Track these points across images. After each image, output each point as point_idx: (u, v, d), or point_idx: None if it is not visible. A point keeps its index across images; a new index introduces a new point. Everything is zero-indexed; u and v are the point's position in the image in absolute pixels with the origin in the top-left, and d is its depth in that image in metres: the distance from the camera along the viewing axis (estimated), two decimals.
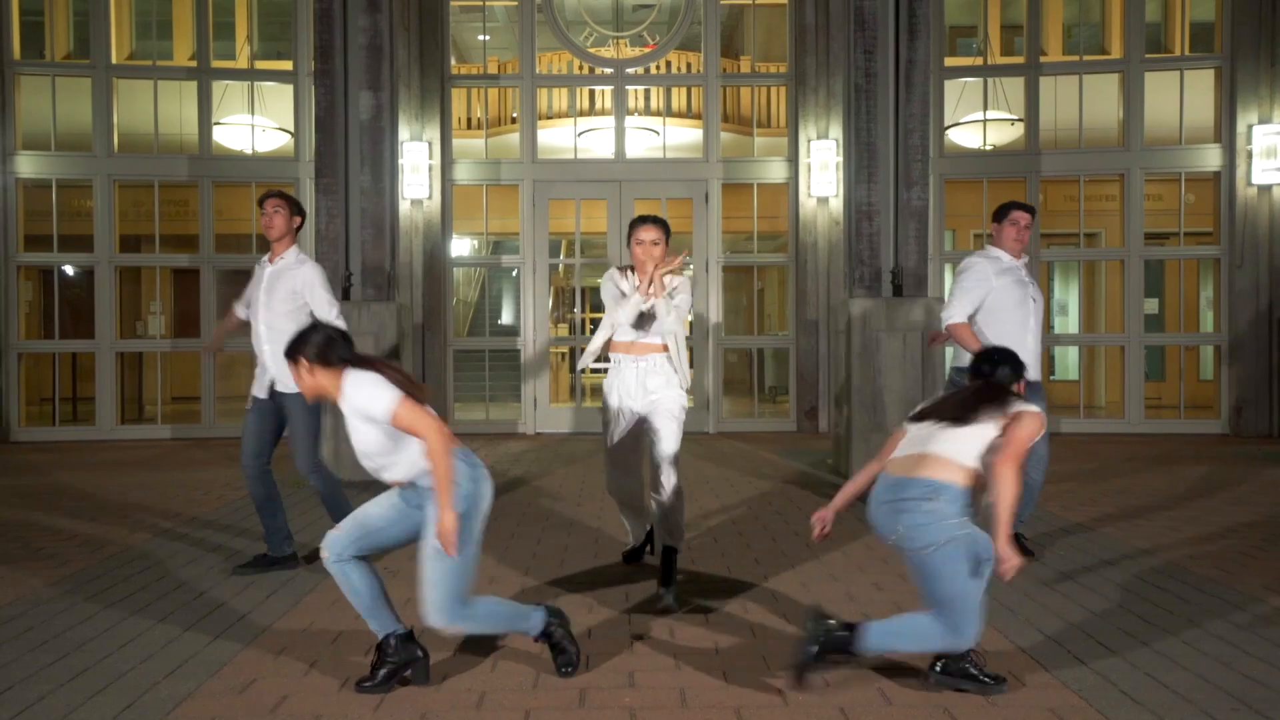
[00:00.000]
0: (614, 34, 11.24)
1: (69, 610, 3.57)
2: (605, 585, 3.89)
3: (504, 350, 11.07)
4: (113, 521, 5.25)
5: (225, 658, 3.05)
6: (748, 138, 10.49)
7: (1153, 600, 3.60)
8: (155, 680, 2.85)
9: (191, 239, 9.63)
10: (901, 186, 6.64)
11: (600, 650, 3.09)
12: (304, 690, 2.78)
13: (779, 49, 10.88)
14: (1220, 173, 9.13)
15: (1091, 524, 5.00)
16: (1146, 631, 3.23)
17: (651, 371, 3.73)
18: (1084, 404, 10.36)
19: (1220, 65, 9.14)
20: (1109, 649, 3.09)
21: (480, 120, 10.83)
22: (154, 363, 10.19)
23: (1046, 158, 9.37)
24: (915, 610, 2.76)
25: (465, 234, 13.13)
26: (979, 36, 10.58)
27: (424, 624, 2.72)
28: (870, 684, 2.79)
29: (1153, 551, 4.39)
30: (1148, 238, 9.84)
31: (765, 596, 3.72)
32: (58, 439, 9.17)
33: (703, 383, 9.60)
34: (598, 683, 2.83)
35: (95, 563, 4.31)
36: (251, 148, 9.91)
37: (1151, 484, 6.29)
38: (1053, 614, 3.44)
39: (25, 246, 9.36)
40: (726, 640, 3.20)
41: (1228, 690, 2.72)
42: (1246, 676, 2.82)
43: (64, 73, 9.37)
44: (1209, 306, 11.14)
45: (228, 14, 10.54)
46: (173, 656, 3.06)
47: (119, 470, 7.23)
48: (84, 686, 2.80)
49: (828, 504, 2.99)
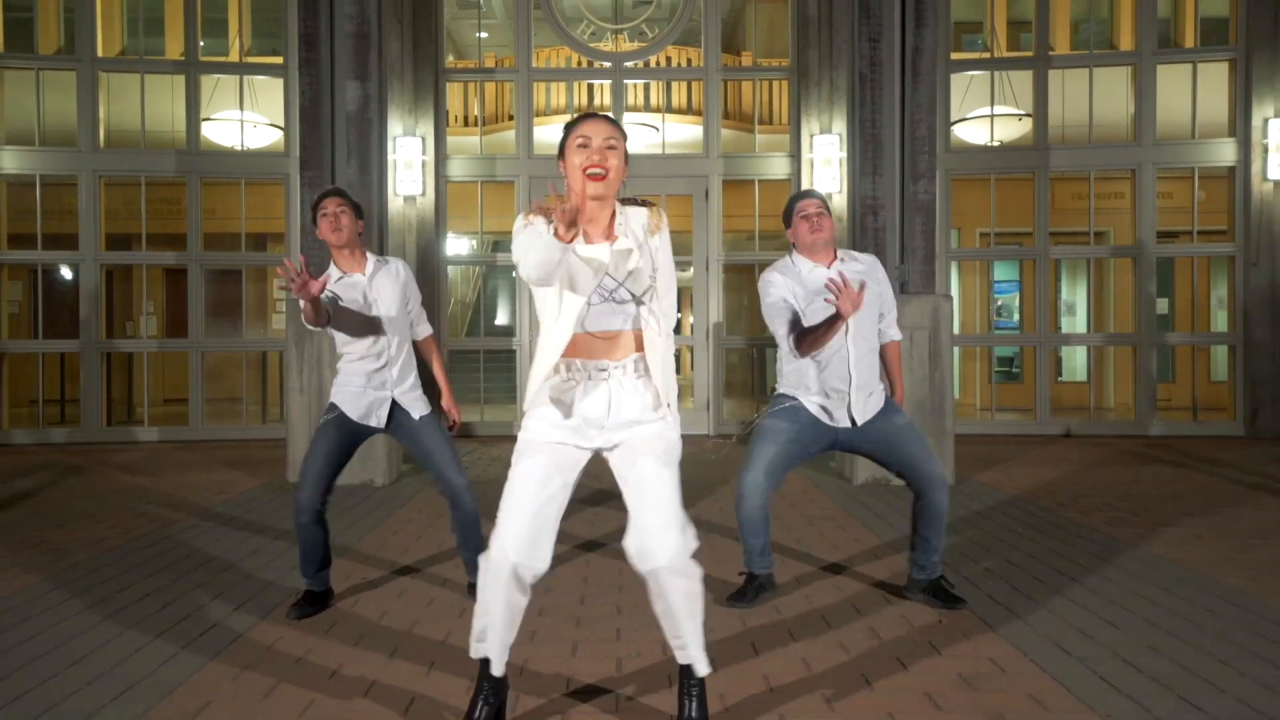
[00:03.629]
0: (612, 28, 11.01)
1: (22, 623, 3.34)
2: (596, 587, 3.66)
3: (499, 351, 10.82)
4: (84, 527, 5.02)
5: (181, 678, 2.81)
6: (749, 134, 10.25)
7: (1180, 613, 3.35)
8: (100, 705, 2.62)
9: (180, 237, 9.41)
10: (908, 179, 6.40)
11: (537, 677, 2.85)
12: (262, 714, 2.54)
13: (781, 44, 10.65)
14: (1235, 168, 8.88)
15: (1108, 529, 4.76)
16: (1176, 648, 2.99)
17: (627, 386, 2.31)
18: (1094, 405, 10.11)
19: (1234, 57, 8.89)
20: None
21: (476, 117, 10.59)
22: (142, 363, 9.97)
23: (1055, 153, 9.13)
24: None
25: (460, 232, 12.90)
26: (985, 31, 10.35)
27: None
28: (880, 709, 2.55)
29: (1175, 559, 4.14)
30: (1160, 236, 9.61)
31: (769, 611, 3.48)
32: (45, 441, 8.94)
33: (703, 383, 9.36)
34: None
35: (58, 571, 4.07)
36: (242, 144, 9.70)
37: (1166, 488, 6.04)
38: (1074, 629, 3.19)
39: (9, 244, 9.14)
40: (722, 631, 2.96)
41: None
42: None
43: (49, 66, 9.15)
44: (1220, 306, 10.88)
45: (220, 9, 10.33)
46: (121, 678, 2.82)
47: (102, 473, 7.00)
48: (20, 713, 2.57)
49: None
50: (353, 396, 3.47)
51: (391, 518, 5.27)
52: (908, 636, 3.15)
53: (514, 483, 2.28)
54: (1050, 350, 9.38)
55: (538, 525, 2.23)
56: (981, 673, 2.80)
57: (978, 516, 5.13)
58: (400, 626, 3.31)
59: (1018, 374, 13.00)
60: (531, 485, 2.25)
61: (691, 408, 9.54)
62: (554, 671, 2.84)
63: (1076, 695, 2.61)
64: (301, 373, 6.35)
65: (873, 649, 3.03)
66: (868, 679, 2.76)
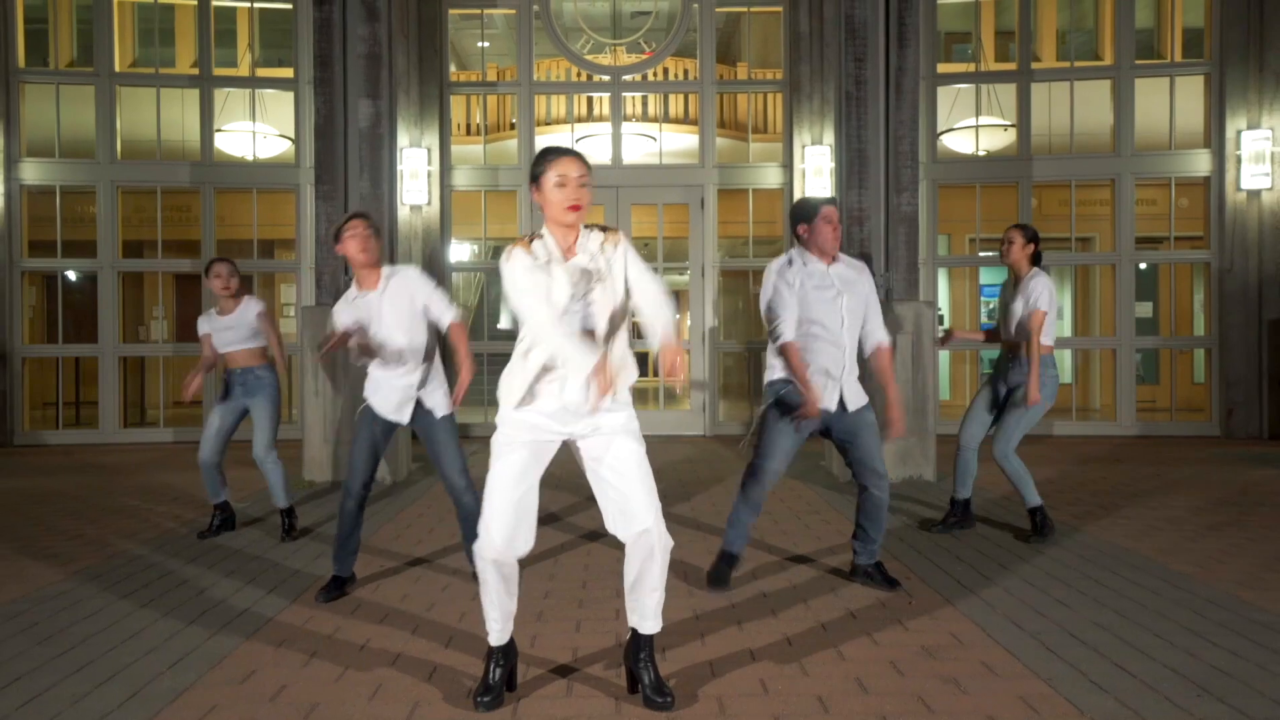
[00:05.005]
0: (611, 41, 11.36)
1: (73, 606, 3.68)
2: (597, 588, 3.99)
3: (502, 354, 11.14)
4: (117, 522, 5.36)
5: (226, 650, 3.15)
6: (743, 143, 10.60)
7: (1128, 595, 3.69)
8: (158, 671, 2.95)
9: (193, 244, 9.74)
10: (892, 192, 6.75)
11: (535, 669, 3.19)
12: (302, 681, 2.88)
13: (775, 55, 10.99)
14: (1210, 178, 9.23)
15: (1073, 521, 5.10)
16: (1118, 624, 3.32)
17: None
18: (1077, 407, 10.44)
19: (1209, 72, 9.24)
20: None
21: (479, 126, 10.93)
22: (155, 367, 10.30)
23: (1038, 163, 9.47)
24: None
25: (464, 239, 13.23)
26: (973, 43, 10.69)
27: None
28: (849, 675, 2.89)
29: (1130, 548, 4.48)
30: (1142, 241, 9.94)
31: (752, 590, 3.82)
32: (62, 442, 9.28)
33: (700, 387, 9.70)
34: (577, 710, 2.93)
35: (99, 560, 4.41)
36: (253, 154, 10.04)
37: (1137, 485, 6.38)
38: (1029, 608, 3.53)
39: (29, 252, 9.48)
40: (712, 629, 3.30)
41: (1192, 679, 2.81)
42: (1212, 667, 2.91)
43: (68, 80, 9.50)
44: (1202, 310, 11.22)
45: (229, 21, 10.67)
46: (174, 649, 3.16)
47: (122, 472, 7.34)
48: (90, 677, 2.90)
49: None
50: (383, 396, 3.83)
51: (403, 513, 5.60)
52: (879, 615, 3.49)
53: (495, 479, 2.61)
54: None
55: (518, 514, 2.59)
56: (941, 644, 3.14)
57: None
58: (418, 609, 3.64)
59: None
60: (510, 480, 2.60)
61: (689, 409, 9.88)
62: (560, 645, 3.17)
63: (1023, 662, 2.95)
64: (317, 376, 6.69)
65: (846, 625, 3.36)
66: (840, 650, 3.10)
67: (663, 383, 10.90)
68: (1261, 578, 3.93)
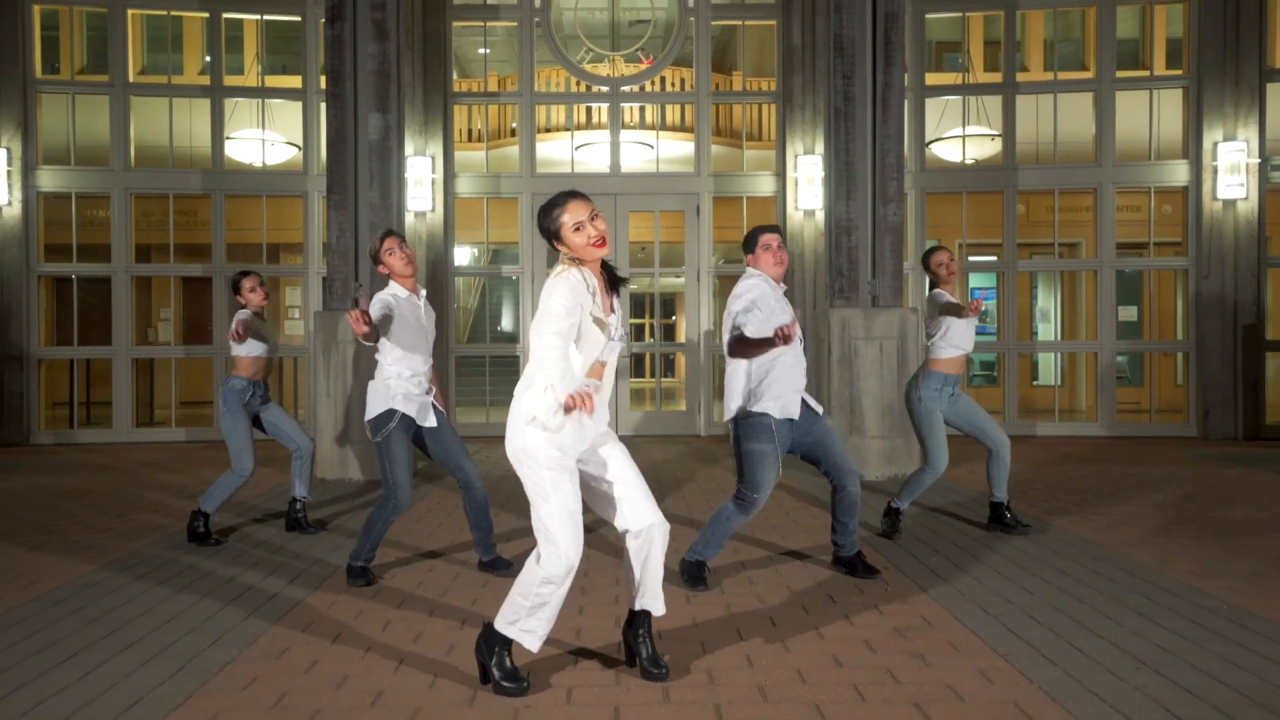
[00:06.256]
0: (610, 52, 11.66)
1: (115, 592, 3.98)
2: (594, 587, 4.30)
3: (504, 356, 11.47)
4: (141, 516, 5.66)
5: (259, 631, 3.45)
6: (738, 151, 10.91)
7: (1087, 583, 4.00)
8: (200, 649, 3.25)
9: (202, 248, 10.03)
10: (879, 203, 7.06)
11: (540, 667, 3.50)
12: (332, 656, 3.18)
13: (769, 63, 11.30)
14: (1188, 187, 9.56)
15: (1045, 517, 5.41)
16: (1074, 608, 3.63)
17: (605, 397, 2.98)
18: (1060, 408, 10.76)
19: (1188, 85, 9.57)
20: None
21: (481, 132, 11.24)
22: (166, 368, 10.59)
23: (1023, 172, 9.79)
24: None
25: (467, 244, 13.54)
26: (964, 53, 11.01)
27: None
28: (826, 651, 3.19)
29: (1095, 541, 4.79)
30: (1126, 248, 10.27)
31: (741, 577, 4.13)
32: (76, 441, 9.57)
33: (695, 387, 10.01)
34: (581, 680, 3.23)
35: (130, 552, 4.71)
36: (262, 161, 10.33)
37: (1110, 483, 6.70)
38: (995, 594, 3.84)
39: (46, 257, 9.77)
40: (704, 614, 3.60)
41: (1135, 655, 3.11)
42: (1155, 645, 3.21)
43: (82, 90, 9.79)
44: (1183, 314, 11.55)
45: (235, 29, 10.96)
46: (212, 630, 3.46)
47: (138, 471, 7.63)
48: (136, 655, 3.19)
49: None
50: (409, 402, 4.11)
51: (410, 511, 5.90)
52: (857, 599, 3.80)
53: (563, 505, 2.77)
54: (1020, 356, 10.03)
55: (579, 525, 2.81)
56: (912, 625, 3.45)
57: (938, 510, 5.78)
58: (433, 595, 3.94)
59: (996, 378, 13.67)
60: (572, 502, 2.80)
61: (684, 410, 10.19)
62: (565, 628, 3.48)
63: (984, 640, 3.26)
64: (329, 378, 6.99)
65: (826, 608, 3.67)
66: (819, 631, 3.40)
67: (660, 384, 11.20)
68: (1215, 568, 4.25)
